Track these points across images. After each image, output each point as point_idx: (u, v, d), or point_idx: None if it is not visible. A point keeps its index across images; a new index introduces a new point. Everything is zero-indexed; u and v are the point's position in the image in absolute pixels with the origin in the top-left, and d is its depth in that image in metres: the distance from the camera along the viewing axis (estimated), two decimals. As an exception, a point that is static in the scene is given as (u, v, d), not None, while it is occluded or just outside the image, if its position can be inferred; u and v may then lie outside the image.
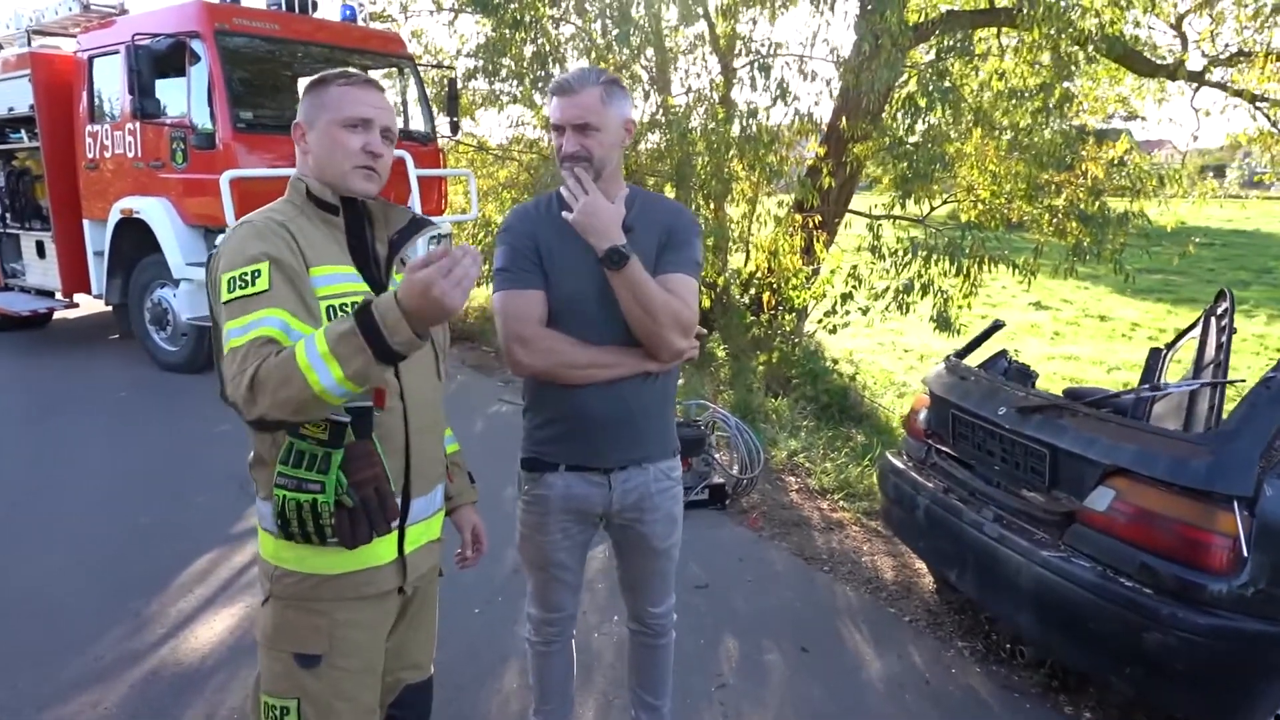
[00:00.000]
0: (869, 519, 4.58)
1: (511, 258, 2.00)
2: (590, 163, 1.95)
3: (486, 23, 9.03)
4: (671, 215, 2.08)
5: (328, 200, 1.65)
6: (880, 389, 8.19)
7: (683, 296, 1.96)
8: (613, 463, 2.08)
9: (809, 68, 7.35)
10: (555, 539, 2.15)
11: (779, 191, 8.66)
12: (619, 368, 1.99)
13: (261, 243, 1.52)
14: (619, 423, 2.04)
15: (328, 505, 1.49)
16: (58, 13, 7.96)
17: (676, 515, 2.21)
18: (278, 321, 1.45)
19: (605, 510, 2.13)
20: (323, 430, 1.49)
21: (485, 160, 11.49)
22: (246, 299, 1.46)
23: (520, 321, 1.96)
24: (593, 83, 1.93)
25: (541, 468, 2.12)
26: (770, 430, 6.12)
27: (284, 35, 7.23)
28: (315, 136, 1.64)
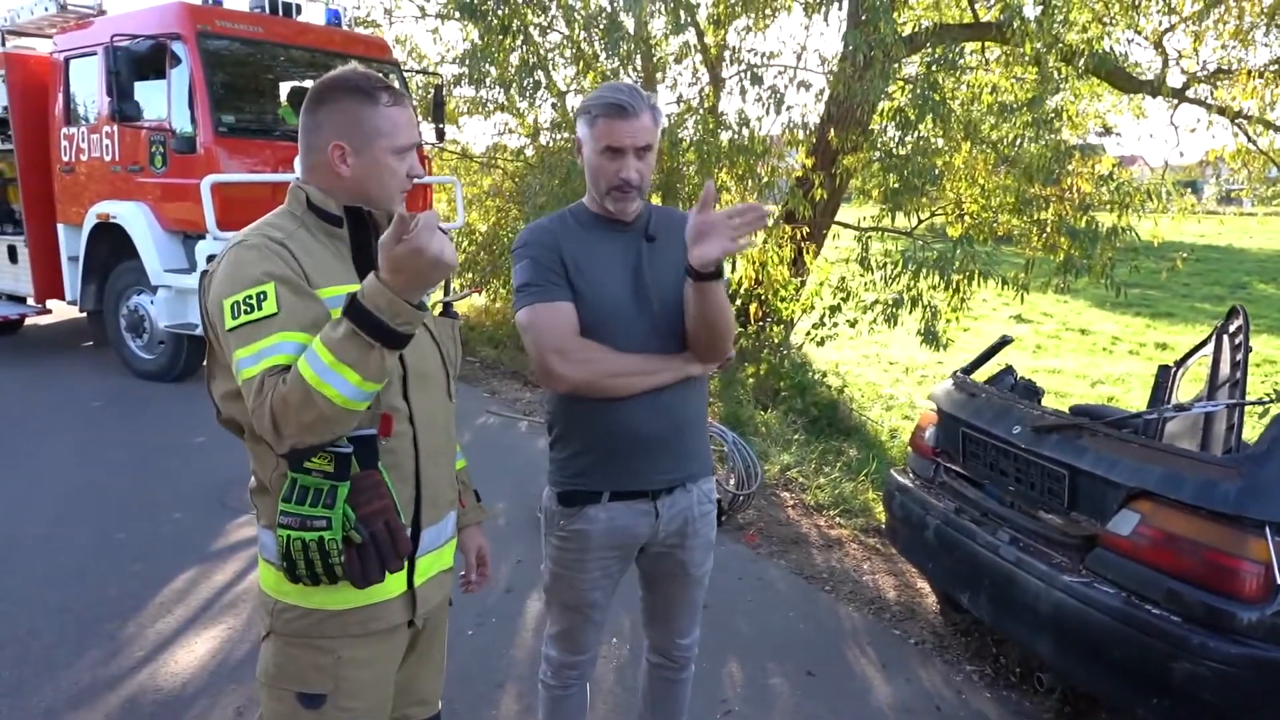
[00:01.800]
0: (867, 536, 4.51)
1: (535, 271, 1.90)
2: (640, 191, 1.90)
3: (472, 30, 8.94)
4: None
5: (330, 211, 1.54)
6: (868, 401, 8.14)
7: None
8: (660, 484, 1.96)
9: (800, 77, 7.33)
10: (594, 578, 2.01)
11: (767, 202, 8.62)
12: (662, 374, 1.89)
13: (263, 263, 1.41)
14: (665, 438, 1.94)
15: (336, 542, 1.38)
16: (33, 13, 7.76)
17: (712, 540, 2.12)
18: (292, 346, 1.36)
19: (650, 540, 2.01)
20: (327, 462, 1.39)
21: (470, 168, 11.38)
22: (254, 324, 1.36)
23: (554, 333, 1.85)
24: (645, 105, 1.86)
25: (581, 500, 1.97)
26: (761, 444, 6.04)
27: (267, 38, 7.09)
28: (364, 162, 1.52)
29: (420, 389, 1.58)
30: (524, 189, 9.40)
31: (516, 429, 6.36)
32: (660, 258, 1.91)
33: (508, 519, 4.52)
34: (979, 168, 8.23)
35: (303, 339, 1.36)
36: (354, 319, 1.28)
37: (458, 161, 11.27)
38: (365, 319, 1.28)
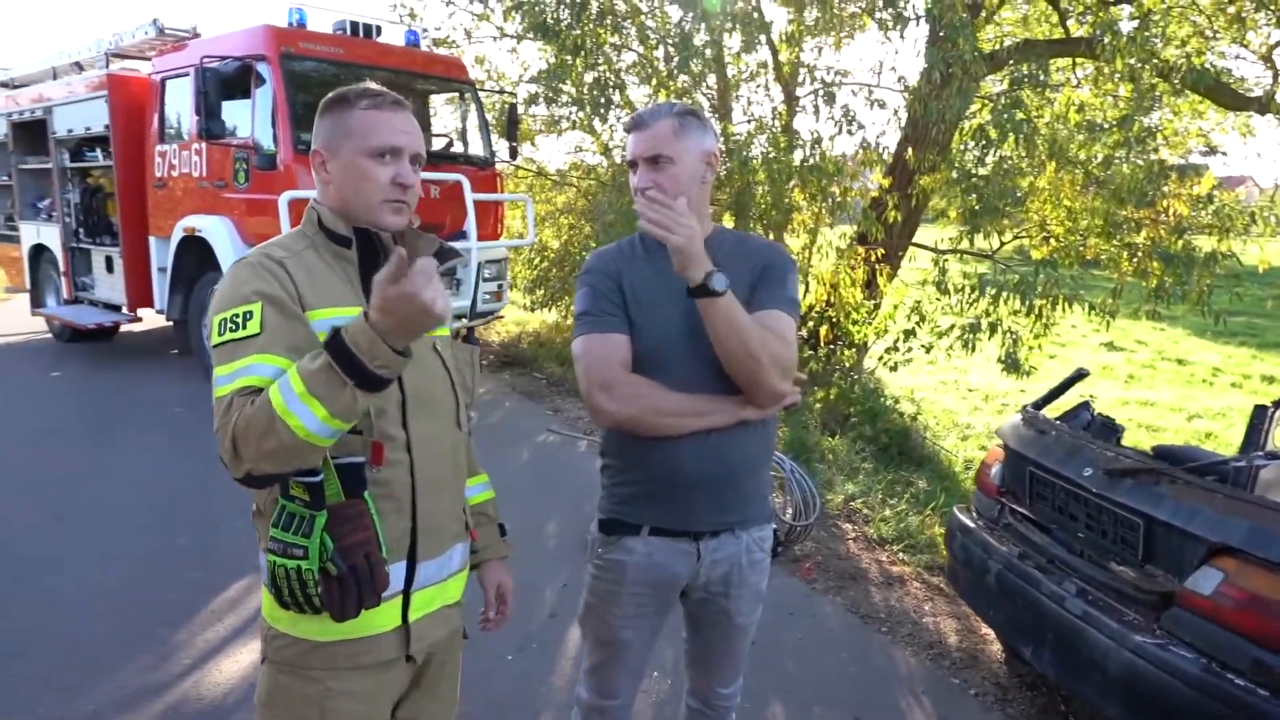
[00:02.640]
0: (931, 574, 4.30)
1: (593, 300, 1.85)
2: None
3: (548, 49, 9.03)
4: (764, 252, 1.91)
5: (340, 232, 1.51)
6: (943, 430, 7.84)
7: (781, 334, 1.78)
8: (704, 526, 1.87)
9: (875, 96, 7.15)
10: (626, 613, 1.93)
11: (841, 223, 8.42)
12: (714, 415, 1.79)
13: (255, 281, 1.39)
14: (714, 480, 1.84)
15: (312, 573, 1.34)
16: (135, 36, 8.17)
17: (762, 592, 2.00)
18: (270, 369, 1.33)
19: (690, 583, 1.92)
20: (304, 490, 1.35)
21: (544, 186, 11.48)
22: (236, 344, 1.34)
23: (603, 366, 1.79)
24: (665, 114, 1.81)
25: (621, 530, 1.90)
26: (826, 471, 5.86)
27: (348, 59, 7.29)
28: (338, 167, 1.49)
29: (422, 416, 1.53)
30: (595, 207, 9.42)
31: (576, 448, 6.32)
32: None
33: (558, 540, 4.47)
34: (1065, 189, 7.88)
35: (281, 363, 1.33)
36: (332, 353, 1.24)
37: (532, 179, 11.39)
38: (343, 355, 1.23)
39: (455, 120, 8.69)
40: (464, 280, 7.58)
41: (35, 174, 9.50)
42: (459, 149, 8.32)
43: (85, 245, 8.84)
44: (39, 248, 9.53)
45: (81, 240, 8.84)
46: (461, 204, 7.29)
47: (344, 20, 7.49)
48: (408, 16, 9.65)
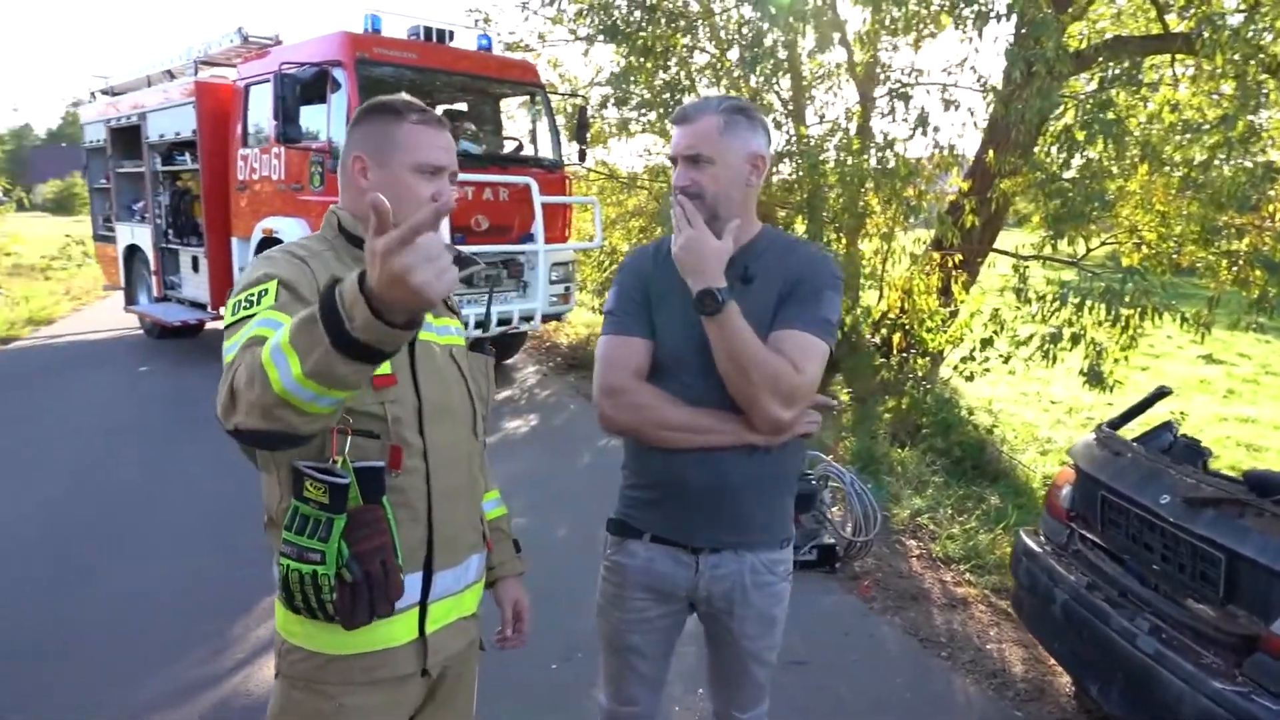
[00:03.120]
0: (999, 597, 4.09)
1: (618, 301, 1.83)
2: (703, 200, 1.72)
3: (620, 53, 9.01)
4: (804, 264, 1.79)
5: (360, 235, 1.50)
6: (1021, 444, 7.52)
7: (791, 356, 1.67)
8: (701, 542, 1.81)
9: (953, 96, 6.88)
10: (631, 619, 1.89)
11: (917, 227, 8.16)
12: (715, 435, 1.72)
13: (272, 267, 1.40)
14: (714, 498, 1.77)
15: (328, 578, 1.31)
16: (222, 44, 8.47)
17: (775, 617, 1.90)
18: (275, 323, 1.28)
19: (690, 594, 1.86)
20: (322, 492, 1.31)
21: (614, 189, 11.48)
22: (249, 318, 1.32)
23: (614, 370, 1.75)
24: (711, 110, 1.72)
25: (626, 532, 1.89)
26: (893, 484, 5.66)
27: (422, 64, 7.40)
28: (381, 176, 1.49)
29: (439, 424, 1.50)
30: (665, 210, 9.36)
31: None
32: (753, 302, 1.71)
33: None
34: (1158, 192, 7.46)
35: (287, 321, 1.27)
36: (320, 306, 1.12)
37: (603, 182, 11.40)
38: (328, 309, 1.11)
39: (525, 123, 8.74)
40: (531, 282, 7.62)
41: (131, 177, 9.96)
42: (529, 152, 8.37)
43: (174, 245, 9.21)
44: (133, 248, 9.99)
45: (170, 241, 9.21)
46: (530, 206, 7.32)
47: (418, 25, 7.62)
48: (482, 21, 9.76)
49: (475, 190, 7.21)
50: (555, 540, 4.33)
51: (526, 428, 6.80)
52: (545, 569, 4.15)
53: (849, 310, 7.68)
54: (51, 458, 5.66)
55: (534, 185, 7.29)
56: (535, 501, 4.93)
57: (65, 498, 4.94)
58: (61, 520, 4.60)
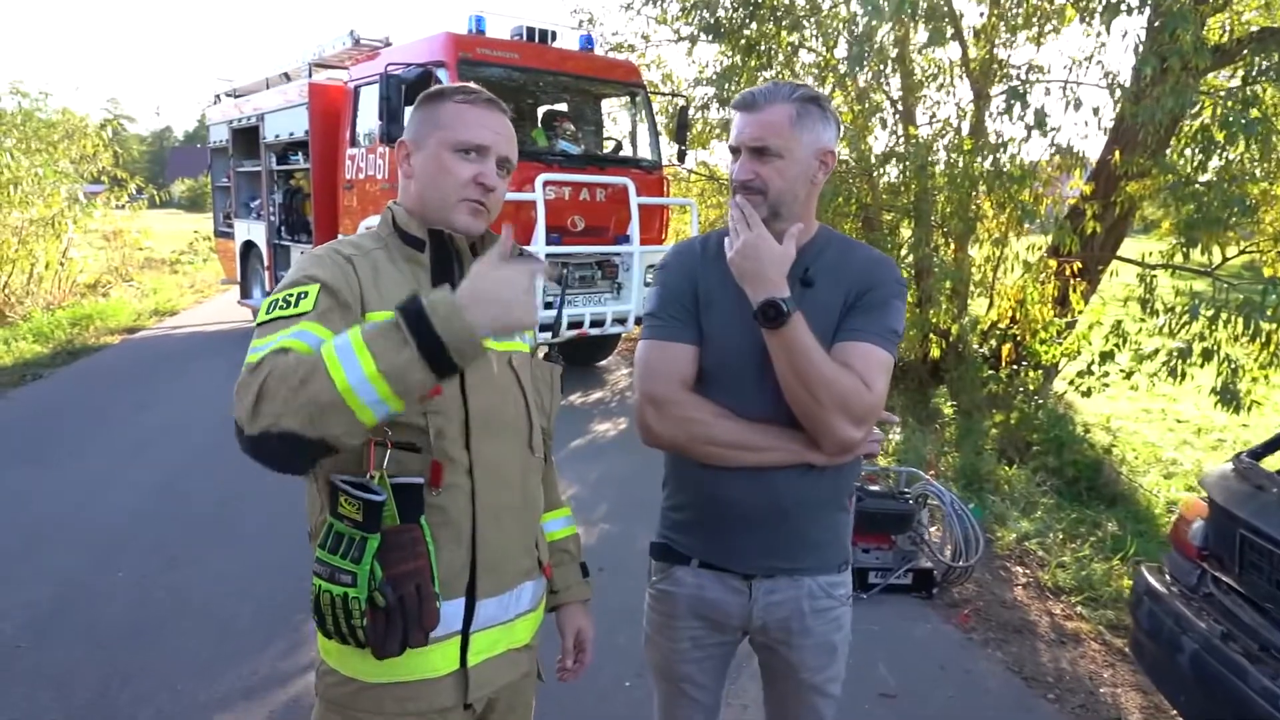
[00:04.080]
0: (1115, 634, 3.76)
1: (662, 302, 1.68)
2: (765, 196, 1.58)
3: (724, 52, 8.86)
4: (868, 269, 1.65)
5: (413, 233, 1.41)
6: (1142, 466, 7.01)
7: (861, 372, 1.52)
8: (755, 568, 1.67)
9: (1076, 95, 6.45)
10: (683, 647, 1.76)
11: (1032, 232, 7.71)
12: (771, 453, 1.59)
13: (316, 268, 1.32)
14: (768, 520, 1.64)
15: (359, 601, 1.22)
16: (334, 47, 8.75)
17: (836, 644, 1.74)
18: (314, 338, 1.21)
19: (744, 624, 1.73)
20: (356, 510, 1.23)
21: (714, 190, 11.35)
22: (284, 319, 1.24)
23: (658, 379, 1.62)
24: (783, 98, 1.57)
25: (671, 558, 1.75)
26: (999, 505, 5.34)
27: (524, 64, 7.44)
28: (421, 159, 1.42)
29: (488, 438, 1.39)
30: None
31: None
32: (815, 308, 1.57)
33: (696, 559, 4.27)
34: (1308, 197, 6.83)
35: (325, 334, 1.22)
36: (403, 312, 1.12)
37: (703, 184, 11.27)
38: (414, 314, 1.11)
39: (626, 123, 8.70)
40: (625, 284, 7.56)
41: (250, 176, 10.42)
42: (628, 152, 8.32)
43: (285, 242, 9.56)
44: (249, 244, 10.43)
45: (283, 237, 9.57)
46: (627, 207, 7.26)
47: (521, 26, 7.67)
48: (586, 21, 9.79)
49: (572, 190, 7.20)
50: (637, 550, 4.21)
51: (615, 431, 6.73)
52: (626, 579, 4.05)
53: (955, 319, 7.33)
54: (166, 443, 5.92)
55: (631, 186, 7.23)
56: (618, 508, 4.85)
57: (175, 481, 5.14)
58: (169, 504, 4.79)
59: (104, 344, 9.88)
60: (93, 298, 12.86)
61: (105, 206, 14.30)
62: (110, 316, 11.26)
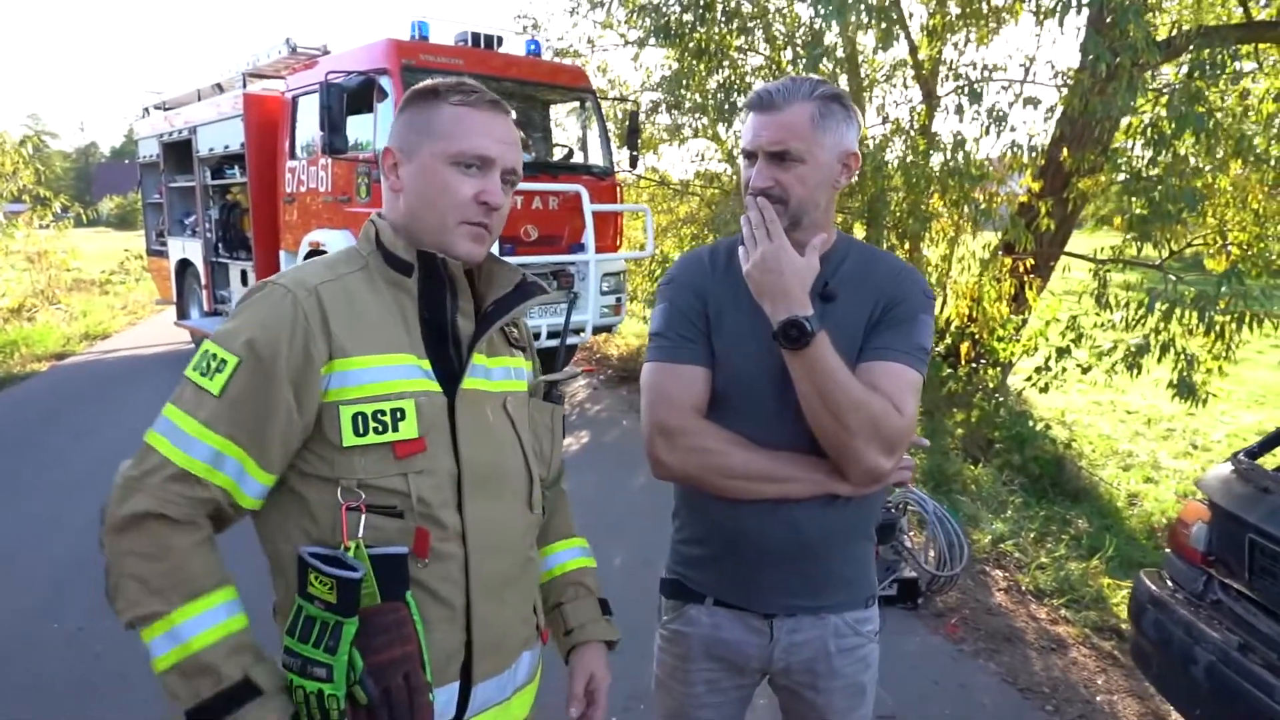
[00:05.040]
0: (1101, 637, 3.72)
1: (669, 320, 1.53)
2: (786, 205, 1.44)
3: (672, 56, 8.76)
4: (894, 280, 1.51)
5: (399, 255, 1.22)
6: (1100, 459, 7.09)
7: (891, 395, 1.39)
8: (776, 607, 1.54)
9: (1026, 93, 6.49)
10: (697, 691, 1.62)
11: (985, 230, 7.76)
12: (793, 484, 1.45)
13: (259, 326, 1.13)
14: (790, 556, 1.50)
15: (337, 699, 1.04)
16: (270, 56, 8.41)
17: (865, 684, 1.61)
18: (206, 451, 1.10)
19: (764, 666, 1.58)
20: (330, 589, 1.05)
21: (665, 195, 11.25)
22: (197, 392, 1.13)
23: (668, 406, 1.47)
24: (803, 96, 1.42)
25: (684, 596, 1.61)
26: (969, 505, 5.29)
27: (469, 70, 7.22)
28: (413, 173, 1.21)
29: (483, 498, 1.21)
30: (718, 216, 9.09)
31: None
32: (837, 324, 1.44)
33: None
34: (1253, 189, 6.97)
35: (222, 445, 1.10)
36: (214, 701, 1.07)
37: (654, 189, 11.16)
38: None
39: (575, 130, 8.54)
40: (582, 293, 7.39)
41: (183, 192, 9.97)
42: (579, 159, 8.15)
43: (223, 259, 9.16)
44: (184, 262, 9.98)
45: (220, 254, 9.17)
46: (580, 215, 7.10)
47: (465, 32, 7.46)
48: (531, 27, 9.61)
49: (524, 199, 7.01)
50: (612, 569, 4.07)
51: (577, 445, 6.56)
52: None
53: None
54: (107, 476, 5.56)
55: (585, 193, 7.07)
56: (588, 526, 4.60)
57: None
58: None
59: (31, 371, 9.34)
60: (17, 322, 12.20)
61: (28, 226, 13.63)
62: (37, 342, 10.66)
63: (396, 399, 1.15)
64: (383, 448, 1.13)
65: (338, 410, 1.13)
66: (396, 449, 1.14)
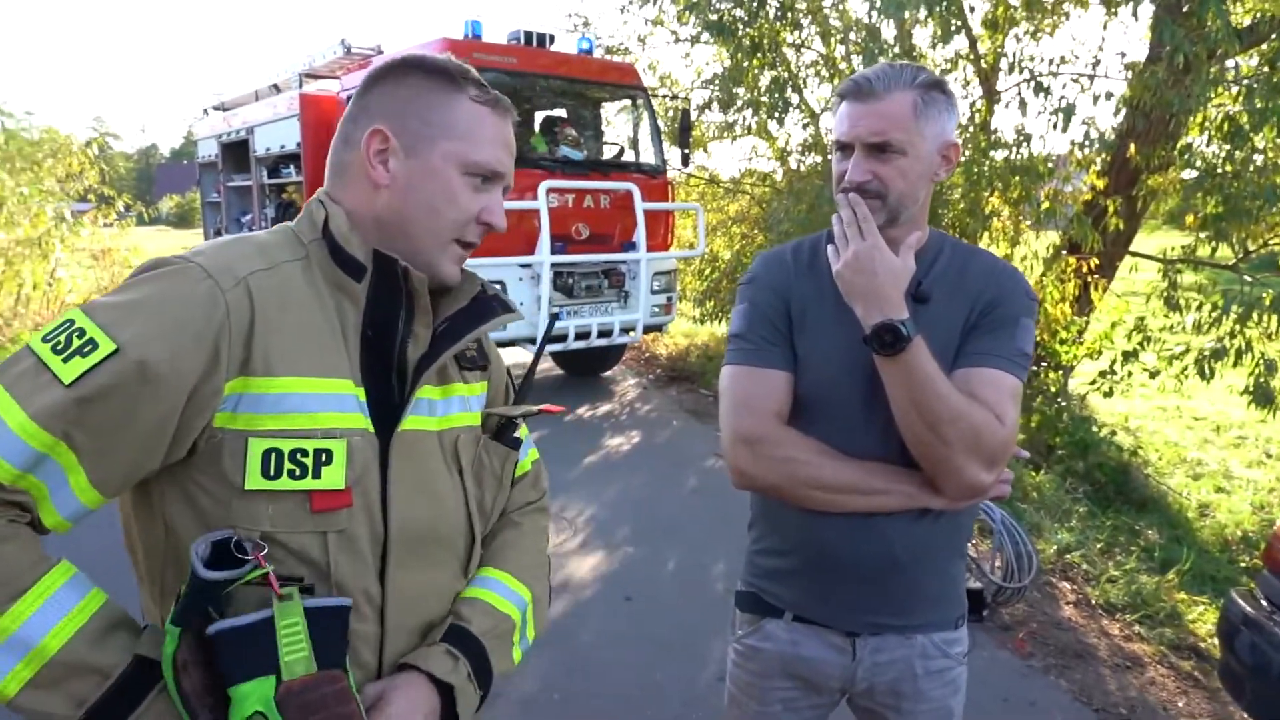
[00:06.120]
0: (1179, 656, 3.54)
1: (750, 322, 1.46)
2: (884, 200, 1.35)
3: (723, 53, 8.67)
4: (992, 280, 1.42)
5: (350, 253, 1.01)
6: (1167, 467, 6.83)
7: (992, 404, 1.30)
8: (860, 626, 1.46)
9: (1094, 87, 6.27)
10: (774, 710, 1.55)
11: (1048, 229, 7.53)
12: (885, 497, 1.37)
13: (159, 315, 0.89)
14: (878, 572, 1.42)
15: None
16: (325, 57, 8.52)
17: (953, 709, 1.53)
18: (27, 456, 0.84)
19: (845, 685, 1.51)
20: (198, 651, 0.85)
21: (716, 194, 11.14)
22: (41, 371, 0.86)
23: (750, 413, 1.40)
24: (905, 84, 1.34)
25: (761, 609, 1.54)
26: (1032, 514, 5.12)
27: (522, 69, 7.21)
28: (415, 168, 1.02)
29: (412, 565, 1.02)
30: (769, 215, 8.96)
31: (746, 475, 5.87)
32: (932, 328, 1.35)
33: (727, 583, 4.03)
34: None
35: (61, 458, 0.86)
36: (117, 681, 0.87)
37: (704, 187, 11.07)
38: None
39: (626, 128, 8.49)
40: (632, 292, 7.33)
41: (240, 191, 10.16)
42: (630, 157, 8.10)
43: (279, 258, 9.30)
44: (241, 260, 10.16)
45: (276, 253, 9.31)
46: (631, 213, 7.04)
47: (518, 30, 7.45)
48: (582, 25, 9.58)
49: (575, 197, 6.97)
50: (665, 573, 4.00)
51: (628, 445, 6.49)
52: (658, 610, 3.75)
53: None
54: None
55: (636, 192, 7.01)
56: (641, 531, 4.61)
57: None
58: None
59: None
60: (81, 318, 12.55)
61: (93, 225, 14.01)
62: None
63: (324, 437, 0.94)
64: (296, 496, 0.93)
65: (245, 442, 0.91)
66: (313, 500, 0.94)
